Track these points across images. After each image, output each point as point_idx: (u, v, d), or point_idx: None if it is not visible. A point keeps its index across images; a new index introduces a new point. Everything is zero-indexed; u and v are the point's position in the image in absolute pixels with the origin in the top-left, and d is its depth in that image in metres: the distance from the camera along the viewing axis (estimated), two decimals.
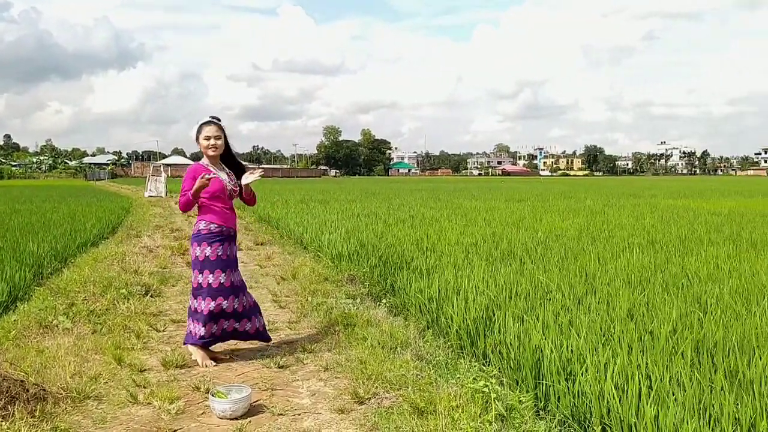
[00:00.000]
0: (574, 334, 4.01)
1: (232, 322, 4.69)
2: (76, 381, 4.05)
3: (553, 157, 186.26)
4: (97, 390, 3.99)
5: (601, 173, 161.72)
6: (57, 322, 5.38)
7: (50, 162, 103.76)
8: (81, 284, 6.86)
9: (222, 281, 4.58)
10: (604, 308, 4.80)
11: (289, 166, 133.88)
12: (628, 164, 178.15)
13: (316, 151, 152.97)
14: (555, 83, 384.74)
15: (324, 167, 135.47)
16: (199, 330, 4.57)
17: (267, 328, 5.10)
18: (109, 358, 4.59)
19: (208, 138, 4.60)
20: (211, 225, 4.59)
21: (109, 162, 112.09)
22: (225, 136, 4.70)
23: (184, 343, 4.75)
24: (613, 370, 3.37)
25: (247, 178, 4.72)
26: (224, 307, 4.59)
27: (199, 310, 4.60)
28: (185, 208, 4.63)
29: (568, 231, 10.48)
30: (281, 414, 3.72)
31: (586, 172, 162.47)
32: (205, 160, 4.70)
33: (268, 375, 4.40)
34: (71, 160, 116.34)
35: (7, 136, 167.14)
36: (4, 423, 3.29)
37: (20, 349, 4.62)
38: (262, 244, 11.38)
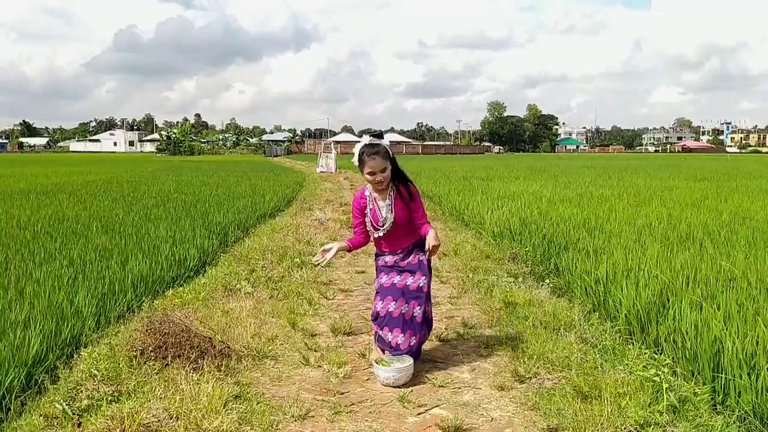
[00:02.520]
0: (760, 325, 3.66)
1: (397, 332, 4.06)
2: (256, 341, 4.43)
3: (742, 132, 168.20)
4: (273, 350, 4.34)
5: None
6: (240, 287, 5.89)
7: (234, 139, 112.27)
8: (260, 252, 7.44)
9: (382, 282, 4.09)
10: None
11: (452, 143, 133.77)
12: None
13: (480, 128, 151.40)
14: (748, 50, 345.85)
15: (487, 144, 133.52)
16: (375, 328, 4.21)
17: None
18: (284, 321, 4.97)
19: (372, 174, 3.91)
20: (377, 249, 4.21)
21: (285, 139, 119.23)
22: (391, 158, 3.98)
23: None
24: None
25: (428, 244, 3.96)
26: (390, 308, 4.02)
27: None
28: (360, 246, 4.18)
29: (757, 214, 9.50)
30: (442, 386, 3.80)
31: None
32: (370, 188, 4.10)
33: (430, 347, 4.50)
34: (252, 137, 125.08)
35: (198, 115, 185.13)
36: (195, 374, 3.68)
37: (208, 310, 5.11)
38: None
